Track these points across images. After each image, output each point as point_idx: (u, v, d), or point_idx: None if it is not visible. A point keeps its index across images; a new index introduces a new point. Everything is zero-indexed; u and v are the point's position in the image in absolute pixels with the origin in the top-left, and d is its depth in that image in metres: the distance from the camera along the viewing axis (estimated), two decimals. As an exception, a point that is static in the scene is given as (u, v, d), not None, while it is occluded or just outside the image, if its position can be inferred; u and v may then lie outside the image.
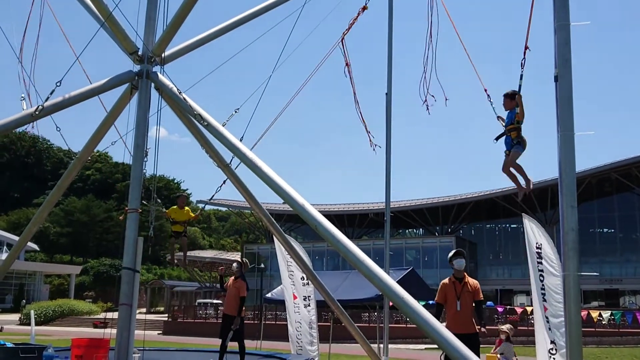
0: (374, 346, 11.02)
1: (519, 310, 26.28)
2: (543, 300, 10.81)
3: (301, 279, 12.86)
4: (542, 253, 10.96)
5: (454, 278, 7.82)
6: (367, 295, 26.24)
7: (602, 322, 28.69)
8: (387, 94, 9.86)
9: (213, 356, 10.18)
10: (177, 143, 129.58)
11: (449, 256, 7.94)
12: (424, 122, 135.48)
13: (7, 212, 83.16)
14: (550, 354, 10.53)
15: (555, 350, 10.42)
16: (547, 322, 10.70)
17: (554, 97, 4.63)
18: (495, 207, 54.32)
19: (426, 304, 17.59)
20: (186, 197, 11.01)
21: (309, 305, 12.95)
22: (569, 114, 4.51)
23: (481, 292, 7.88)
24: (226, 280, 10.60)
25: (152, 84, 7.32)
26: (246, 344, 10.04)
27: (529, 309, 18.90)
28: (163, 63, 7.49)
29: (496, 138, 6.07)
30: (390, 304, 9.19)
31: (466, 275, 7.85)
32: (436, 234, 57.56)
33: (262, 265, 43.97)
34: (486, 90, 6.56)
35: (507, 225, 56.73)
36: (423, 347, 27.21)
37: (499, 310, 30.28)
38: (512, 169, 6.00)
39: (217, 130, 6.88)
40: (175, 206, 10.22)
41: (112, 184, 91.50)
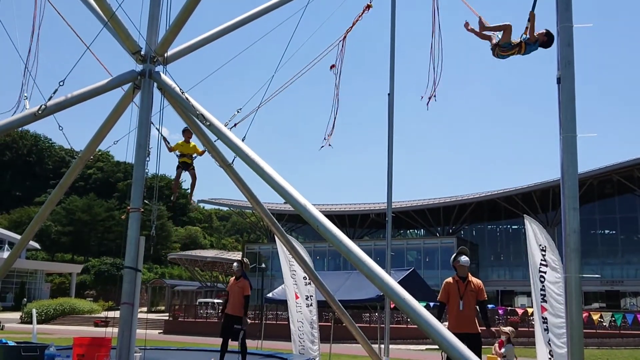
0: (375, 346, 11.01)
1: (520, 311, 26.26)
2: (543, 302, 10.80)
3: (303, 278, 12.87)
4: (543, 254, 10.95)
5: (457, 277, 7.85)
6: (368, 296, 26.27)
7: (603, 324, 28.66)
8: (389, 94, 9.87)
9: (214, 356, 10.19)
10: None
11: (453, 256, 7.97)
12: (426, 122, 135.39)
13: (8, 210, 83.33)
14: (550, 355, 10.51)
15: (555, 352, 10.41)
16: (546, 322, 10.69)
17: (556, 98, 4.64)
18: (496, 208, 54.33)
19: (427, 305, 17.56)
20: (191, 131, 10.26)
21: (310, 305, 12.95)
22: (571, 116, 4.52)
23: (485, 292, 7.90)
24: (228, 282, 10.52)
25: (155, 84, 7.33)
26: (247, 344, 10.04)
27: (529, 310, 18.87)
28: (166, 63, 7.48)
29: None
30: (392, 304, 9.20)
31: (470, 275, 7.88)
32: (437, 234, 57.53)
33: (263, 265, 43.92)
34: (480, 17, 6.29)
35: (509, 227, 56.70)
36: (424, 347, 27.20)
37: (500, 311, 30.21)
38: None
39: (220, 130, 6.89)
40: (182, 140, 9.56)
41: (114, 183, 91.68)
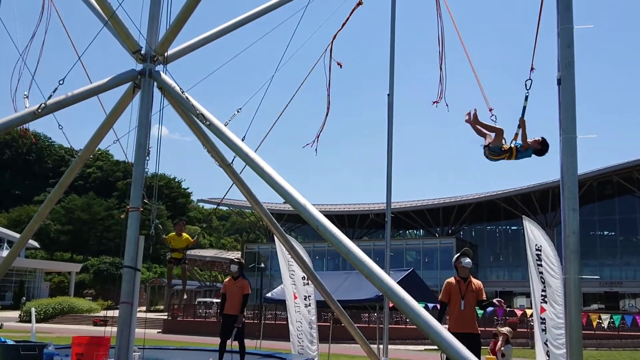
0: (374, 347, 11.02)
1: (519, 312, 26.24)
2: (543, 302, 10.82)
3: (302, 278, 12.87)
4: (542, 255, 10.97)
5: (458, 277, 7.92)
6: (367, 296, 26.30)
7: (602, 325, 28.66)
8: (388, 95, 9.85)
9: (213, 355, 10.19)
10: (178, 142, 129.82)
11: (456, 256, 8.03)
12: (426, 123, 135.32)
13: (7, 209, 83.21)
14: (547, 355, 10.53)
15: (552, 352, 10.43)
16: (544, 323, 10.71)
17: (556, 99, 4.64)
18: (495, 209, 54.37)
19: (425, 305, 17.55)
20: (185, 222, 10.69)
21: (309, 305, 12.96)
22: (571, 117, 4.51)
23: (484, 293, 8.00)
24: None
25: (155, 83, 7.31)
26: (246, 344, 10.05)
27: (528, 311, 18.87)
28: (166, 62, 7.46)
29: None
30: (391, 304, 9.19)
31: (470, 276, 7.97)
32: (437, 235, 57.57)
33: (262, 265, 43.93)
34: (491, 109, 6.34)
35: (508, 227, 56.74)
36: (423, 347, 27.21)
37: (499, 312, 30.20)
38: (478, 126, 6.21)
39: (219, 129, 6.87)
40: (174, 233, 9.94)
41: (113, 182, 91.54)
